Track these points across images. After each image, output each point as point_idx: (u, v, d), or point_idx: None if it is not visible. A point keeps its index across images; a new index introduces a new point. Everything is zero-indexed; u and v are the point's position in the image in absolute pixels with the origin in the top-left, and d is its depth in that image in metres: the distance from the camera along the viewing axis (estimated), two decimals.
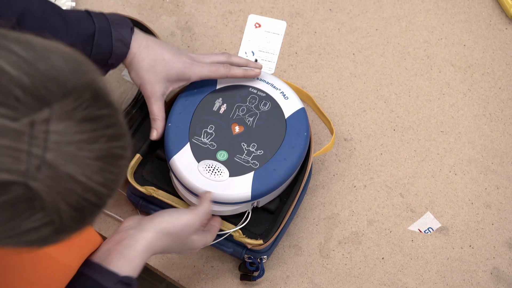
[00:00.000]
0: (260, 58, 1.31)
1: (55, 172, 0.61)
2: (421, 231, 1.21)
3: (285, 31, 1.32)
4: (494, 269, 1.19)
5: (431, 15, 1.33)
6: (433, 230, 1.21)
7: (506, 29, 1.33)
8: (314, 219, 1.22)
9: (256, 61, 1.28)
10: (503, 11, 1.33)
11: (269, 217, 1.15)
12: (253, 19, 1.33)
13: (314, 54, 1.31)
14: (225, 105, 1.14)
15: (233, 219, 1.14)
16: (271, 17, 1.33)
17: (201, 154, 1.10)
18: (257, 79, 1.17)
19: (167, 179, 1.16)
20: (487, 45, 1.32)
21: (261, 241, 1.12)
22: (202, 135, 1.12)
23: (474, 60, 1.31)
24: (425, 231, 1.21)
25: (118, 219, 1.21)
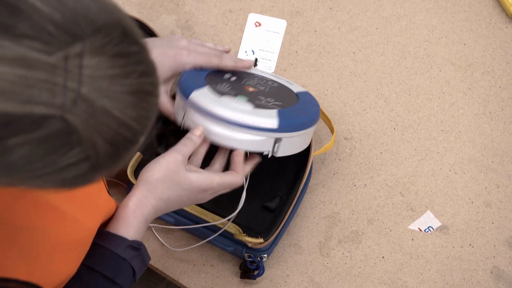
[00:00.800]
0: (260, 57, 1.31)
1: (90, 106, 0.61)
2: (421, 230, 1.21)
3: (285, 30, 1.32)
4: (494, 268, 1.19)
5: (431, 14, 1.33)
6: (433, 229, 1.21)
7: (506, 28, 1.33)
8: (314, 218, 1.22)
9: (256, 60, 1.28)
10: (503, 10, 1.33)
11: (270, 215, 1.15)
12: (253, 18, 1.33)
13: (314, 53, 1.31)
14: (234, 77, 1.14)
15: (227, 213, 1.14)
16: (271, 16, 1.33)
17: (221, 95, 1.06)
18: (259, 73, 1.17)
19: None
20: (487, 44, 1.31)
21: (261, 240, 1.12)
22: (219, 84, 1.09)
23: (474, 59, 1.31)
24: (425, 230, 1.21)
25: None
